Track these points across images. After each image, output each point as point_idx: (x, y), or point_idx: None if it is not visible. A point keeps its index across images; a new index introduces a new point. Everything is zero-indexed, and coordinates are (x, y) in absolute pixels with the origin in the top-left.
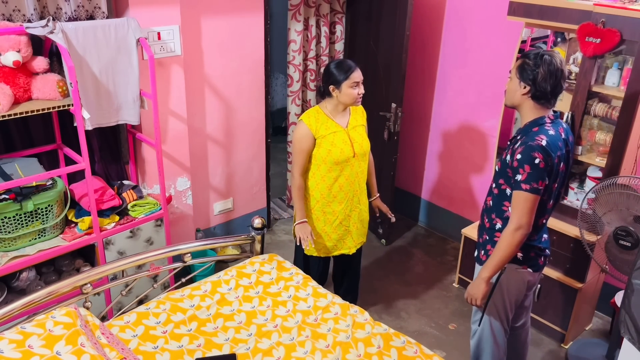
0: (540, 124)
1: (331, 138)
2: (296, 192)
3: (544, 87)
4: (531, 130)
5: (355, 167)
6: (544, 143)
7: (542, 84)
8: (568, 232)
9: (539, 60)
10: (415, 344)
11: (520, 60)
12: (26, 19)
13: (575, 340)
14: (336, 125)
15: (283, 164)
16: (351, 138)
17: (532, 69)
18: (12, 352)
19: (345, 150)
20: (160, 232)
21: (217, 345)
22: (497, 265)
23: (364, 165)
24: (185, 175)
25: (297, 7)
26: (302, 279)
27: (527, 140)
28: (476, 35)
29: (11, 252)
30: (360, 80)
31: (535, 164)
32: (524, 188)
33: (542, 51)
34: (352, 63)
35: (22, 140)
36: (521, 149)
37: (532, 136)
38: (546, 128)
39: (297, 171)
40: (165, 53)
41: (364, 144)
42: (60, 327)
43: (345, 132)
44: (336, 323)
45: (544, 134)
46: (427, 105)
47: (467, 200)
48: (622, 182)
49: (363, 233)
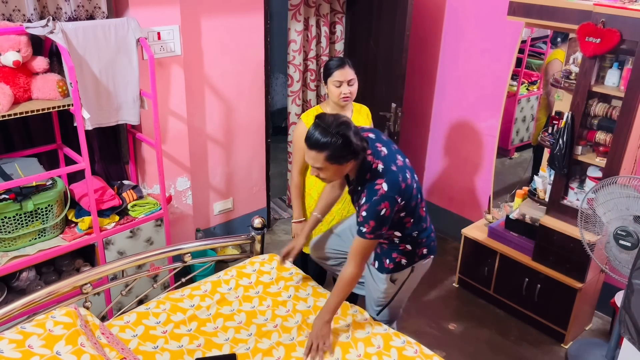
0: (369, 169)
1: None
2: (294, 190)
3: (352, 149)
4: (365, 178)
5: None
6: (385, 188)
7: (346, 150)
8: (568, 232)
9: (332, 137)
10: (415, 343)
11: (324, 152)
12: (26, 19)
13: (575, 340)
14: None
15: (283, 164)
16: None
17: (337, 149)
18: (12, 352)
19: None
20: (160, 232)
21: (217, 345)
22: (337, 308)
23: None
24: (185, 175)
25: (297, 7)
26: (302, 278)
27: (370, 194)
28: (476, 35)
29: (11, 252)
30: (344, 80)
31: (382, 215)
32: (368, 237)
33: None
34: (341, 61)
35: (22, 140)
36: (366, 207)
37: (371, 188)
38: (378, 168)
39: (296, 169)
40: (165, 53)
41: None
42: (60, 327)
43: None
44: (336, 323)
45: (379, 177)
46: (427, 105)
47: (467, 200)
48: (622, 182)
49: None
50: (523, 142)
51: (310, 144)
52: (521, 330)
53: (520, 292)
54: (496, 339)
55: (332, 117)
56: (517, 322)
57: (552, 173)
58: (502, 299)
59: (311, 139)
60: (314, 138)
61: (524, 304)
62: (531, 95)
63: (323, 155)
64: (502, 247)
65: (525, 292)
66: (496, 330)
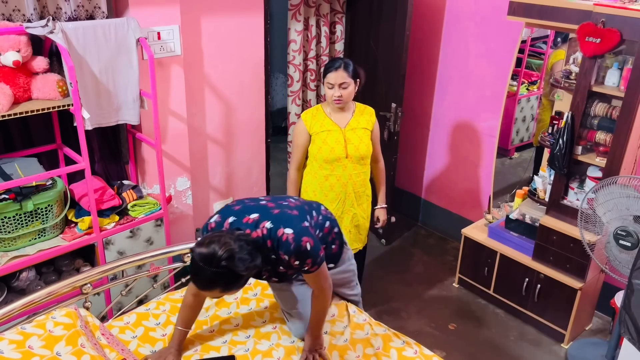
0: (264, 246)
1: (324, 136)
2: (289, 186)
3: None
4: (271, 257)
5: (348, 169)
6: (289, 231)
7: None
8: (568, 232)
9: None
10: (415, 344)
11: (217, 287)
12: (26, 19)
13: (575, 340)
14: (332, 124)
15: (283, 164)
16: (346, 139)
17: (229, 280)
18: (12, 352)
19: (336, 149)
20: (160, 232)
21: (215, 348)
22: (322, 323)
23: (360, 169)
24: (185, 175)
25: (297, 7)
26: None
27: (285, 249)
28: (476, 35)
29: (11, 252)
30: (335, 83)
31: (310, 250)
32: (314, 270)
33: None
34: (336, 64)
35: (22, 140)
36: (293, 258)
37: (281, 246)
38: (267, 233)
39: (293, 165)
40: (165, 53)
41: (361, 147)
42: (61, 327)
43: (340, 132)
44: (333, 325)
45: (273, 234)
46: (427, 105)
47: (467, 200)
48: (622, 182)
49: (358, 239)
50: (523, 142)
51: (198, 286)
52: (521, 330)
53: (520, 292)
54: (496, 339)
55: (208, 252)
56: (517, 322)
57: (552, 173)
58: (502, 299)
59: (197, 282)
60: (199, 282)
61: (524, 304)
62: (531, 95)
63: (217, 290)
64: (502, 247)
65: (525, 292)
66: (496, 330)
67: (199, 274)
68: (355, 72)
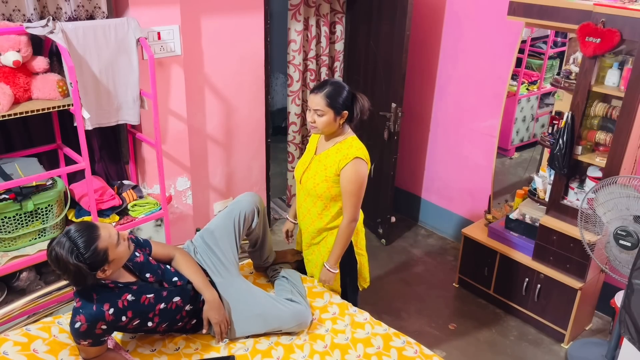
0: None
1: (305, 154)
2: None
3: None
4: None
5: (300, 197)
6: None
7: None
8: (568, 232)
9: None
10: (415, 344)
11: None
12: (26, 19)
13: (575, 340)
14: (313, 145)
15: (283, 164)
16: (310, 166)
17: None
18: (16, 355)
19: (298, 169)
20: (160, 232)
21: (215, 348)
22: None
23: (310, 204)
24: (185, 175)
25: (297, 7)
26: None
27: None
28: (476, 35)
29: (11, 252)
30: (312, 108)
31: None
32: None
33: None
34: (320, 86)
35: (22, 140)
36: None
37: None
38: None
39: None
40: (165, 53)
41: (316, 182)
42: (65, 335)
43: (311, 157)
44: (334, 323)
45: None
46: (427, 105)
47: (467, 200)
48: (622, 182)
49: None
50: (523, 142)
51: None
52: (521, 330)
53: (520, 292)
54: (496, 339)
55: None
56: (517, 322)
57: (552, 173)
58: (502, 299)
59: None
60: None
61: (524, 304)
62: (531, 95)
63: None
64: (502, 247)
65: (525, 292)
66: (496, 330)
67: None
68: (340, 104)
